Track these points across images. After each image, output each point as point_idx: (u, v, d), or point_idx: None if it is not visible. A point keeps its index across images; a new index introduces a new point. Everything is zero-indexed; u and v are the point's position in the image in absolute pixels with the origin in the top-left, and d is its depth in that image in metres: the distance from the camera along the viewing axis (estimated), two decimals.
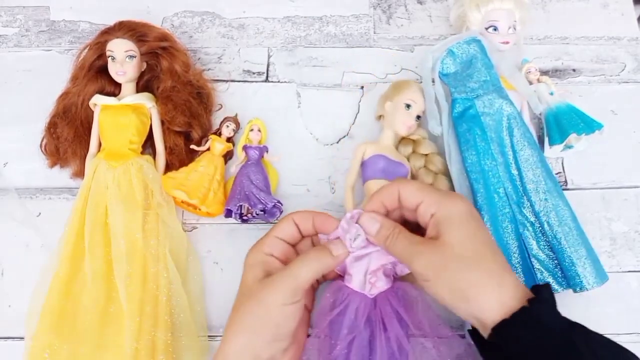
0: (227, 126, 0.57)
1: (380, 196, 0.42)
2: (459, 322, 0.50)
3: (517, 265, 0.49)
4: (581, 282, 0.48)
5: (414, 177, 0.54)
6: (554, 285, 0.50)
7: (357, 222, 0.42)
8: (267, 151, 0.57)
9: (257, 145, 0.56)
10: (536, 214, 0.51)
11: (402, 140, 0.55)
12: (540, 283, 0.39)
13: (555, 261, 0.50)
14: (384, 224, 0.41)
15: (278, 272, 0.40)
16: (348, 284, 0.44)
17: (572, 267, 0.48)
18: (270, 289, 0.39)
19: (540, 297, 0.35)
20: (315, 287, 0.46)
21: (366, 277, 0.43)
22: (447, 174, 0.54)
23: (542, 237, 0.51)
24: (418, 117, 0.54)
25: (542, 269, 0.50)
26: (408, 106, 0.53)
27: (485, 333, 0.36)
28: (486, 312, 0.35)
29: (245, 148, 0.56)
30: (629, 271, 0.53)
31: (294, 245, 0.44)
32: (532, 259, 0.50)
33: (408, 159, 0.55)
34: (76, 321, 0.49)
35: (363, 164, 0.54)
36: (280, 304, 0.38)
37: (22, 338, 0.50)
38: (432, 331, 0.42)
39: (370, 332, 0.42)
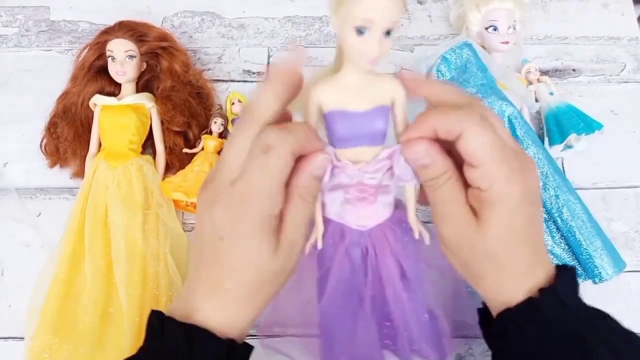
0: (215, 122, 0.57)
1: (433, 122, 0.31)
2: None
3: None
4: (600, 273, 0.49)
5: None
6: None
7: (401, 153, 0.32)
8: None
9: None
10: (548, 211, 0.52)
11: None
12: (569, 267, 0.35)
13: (572, 255, 0.51)
14: (436, 162, 0.32)
15: (293, 239, 0.32)
16: (324, 213, 0.36)
17: (590, 260, 0.50)
18: (292, 261, 0.33)
19: (553, 288, 0.32)
20: None
21: (343, 206, 0.36)
22: None
23: (557, 232, 0.52)
24: (388, 32, 0.30)
25: (560, 264, 0.51)
26: (360, 32, 0.29)
27: (493, 312, 0.35)
28: (494, 301, 0.34)
29: (234, 121, 0.57)
30: (629, 271, 0.53)
31: None
32: (549, 255, 0.51)
33: None
34: (76, 321, 0.49)
35: (325, 123, 0.34)
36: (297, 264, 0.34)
37: (22, 338, 0.50)
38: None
39: (362, 274, 0.37)
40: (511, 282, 0.33)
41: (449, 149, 0.32)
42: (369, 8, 0.28)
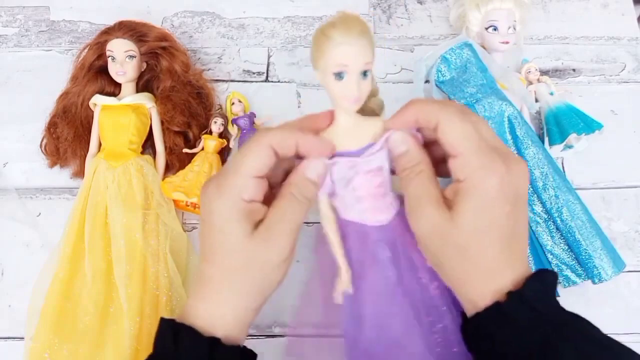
0: (215, 122, 0.57)
1: (415, 111, 0.33)
2: None
3: (529, 260, 0.51)
4: (599, 273, 0.49)
5: None
6: (573, 278, 0.51)
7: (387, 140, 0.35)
8: (255, 116, 0.58)
9: (244, 114, 0.58)
10: (548, 211, 0.52)
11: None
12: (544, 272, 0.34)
13: (572, 255, 0.51)
14: (411, 151, 0.34)
15: (272, 224, 0.33)
16: (342, 216, 0.37)
17: (589, 260, 0.50)
18: (271, 247, 0.33)
19: (520, 292, 0.31)
20: None
21: (356, 205, 0.36)
22: None
23: (557, 233, 0.52)
24: (365, 74, 0.34)
25: (560, 264, 0.51)
26: (339, 75, 0.33)
27: (467, 314, 0.34)
28: (464, 301, 0.34)
29: (234, 121, 0.57)
30: (629, 271, 0.53)
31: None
32: (549, 255, 0.51)
33: None
34: (76, 321, 0.49)
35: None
36: (282, 261, 0.33)
37: (22, 338, 0.50)
38: None
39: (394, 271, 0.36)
40: (478, 280, 0.32)
41: (430, 149, 0.34)
42: (343, 55, 0.32)
